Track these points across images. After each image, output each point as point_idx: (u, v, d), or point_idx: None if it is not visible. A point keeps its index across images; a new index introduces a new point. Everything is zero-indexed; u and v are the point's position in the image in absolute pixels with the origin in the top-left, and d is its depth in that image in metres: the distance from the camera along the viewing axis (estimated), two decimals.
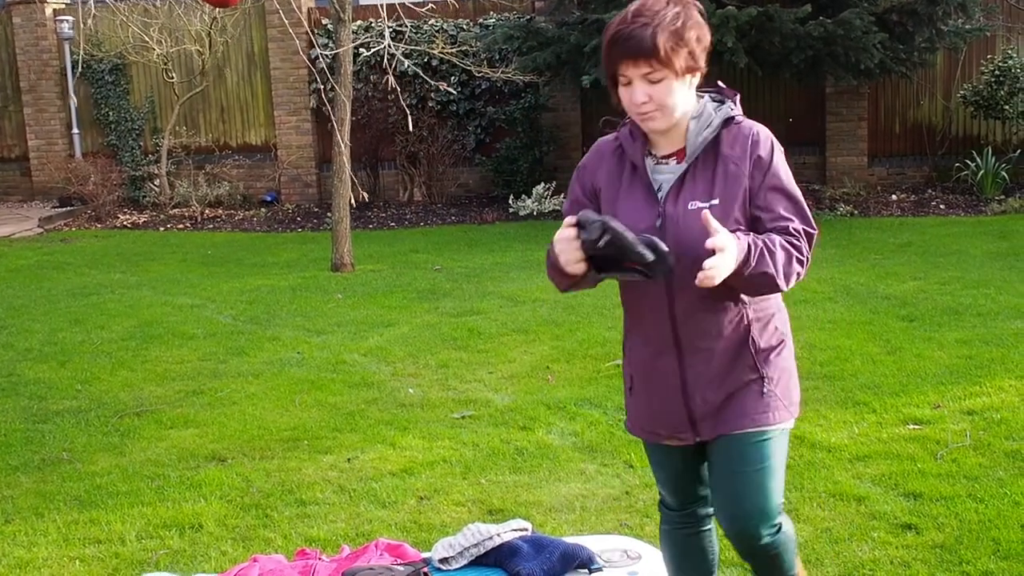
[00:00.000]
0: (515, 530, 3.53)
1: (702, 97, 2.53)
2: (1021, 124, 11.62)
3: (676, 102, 2.42)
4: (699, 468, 2.72)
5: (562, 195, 12.00)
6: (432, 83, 8.64)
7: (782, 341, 2.59)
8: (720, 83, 2.60)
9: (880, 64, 10.38)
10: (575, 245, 2.36)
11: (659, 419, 2.63)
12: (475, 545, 3.44)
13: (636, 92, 2.40)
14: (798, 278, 2.45)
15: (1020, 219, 10.19)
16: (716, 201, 2.43)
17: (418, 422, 5.13)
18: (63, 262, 10.12)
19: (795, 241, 2.43)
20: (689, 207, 2.43)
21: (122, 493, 4.37)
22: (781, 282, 2.39)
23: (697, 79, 2.49)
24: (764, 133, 2.52)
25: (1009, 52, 11.68)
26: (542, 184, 12.00)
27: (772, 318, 2.58)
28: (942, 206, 11.13)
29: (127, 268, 9.75)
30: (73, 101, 12.93)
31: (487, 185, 12.98)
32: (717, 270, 2.27)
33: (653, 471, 2.83)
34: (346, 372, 6.04)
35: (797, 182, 2.56)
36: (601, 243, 2.31)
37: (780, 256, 2.37)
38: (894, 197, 11.70)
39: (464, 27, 12.72)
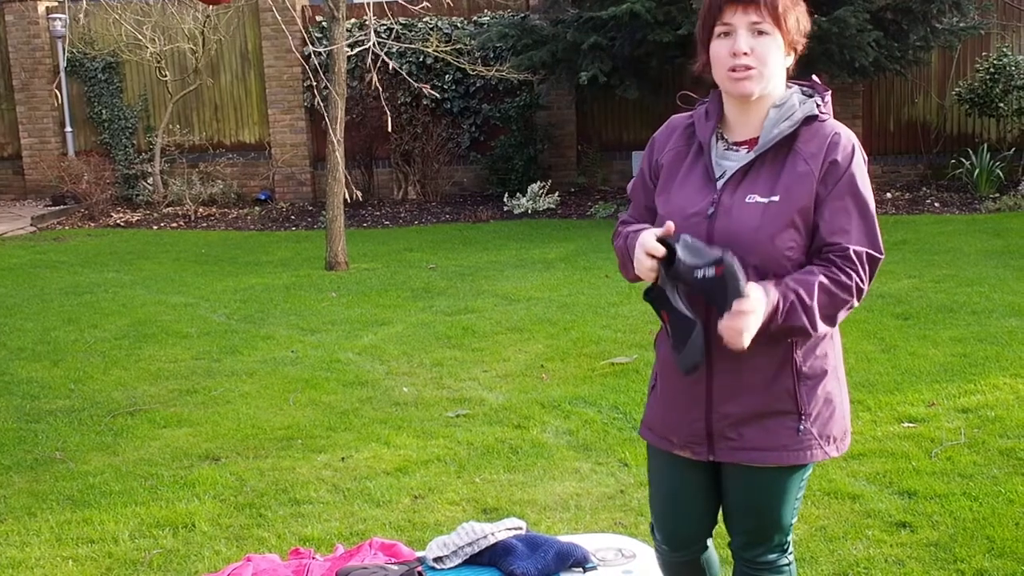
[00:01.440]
0: (509, 529, 3.52)
1: (791, 87, 2.35)
2: (1016, 122, 11.63)
3: (774, 68, 2.25)
4: (701, 494, 2.49)
5: (556, 193, 12.00)
6: (416, 84, 8.62)
7: (827, 370, 2.35)
8: (815, 77, 2.42)
9: (875, 62, 10.39)
10: (651, 264, 2.19)
11: (675, 425, 2.42)
12: (469, 544, 3.43)
13: (740, 40, 2.21)
14: (849, 310, 2.25)
15: (1015, 217, 10.21)
16: (777, 198, 2.23)
17: (412, 421, 5.12)
18: (56, 261, 10.10)
19: (846, 272, 2.21)
20: (747, 200, 2.24)
21: (115, 492, 4.35)
22: (820, 328, 2.21)
23: (792, 62, 2.33)
24: (847, 137, 2.28)
25: (1004, 50, 11.69)
26: (537, 183, 11.99)
27: (821, 342, 2.33)
28: (937, 204, 11.14)
29: (120, 267, 9.72)
30: (57, 98, 12.89)
31: (482, 183, 12.98)
32: (739, 334, 2.13)
33: (650, 487, 2.61)
34: (340, 371, 6.03)
35: None
36: (701, 275, 2.15)
37: (817, 303, 2.18)
38: (889, 195, 11.71)
39: (459, 25, 12.71)
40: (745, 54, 2.22)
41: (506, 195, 12.05)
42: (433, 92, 9.18)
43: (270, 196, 13.55)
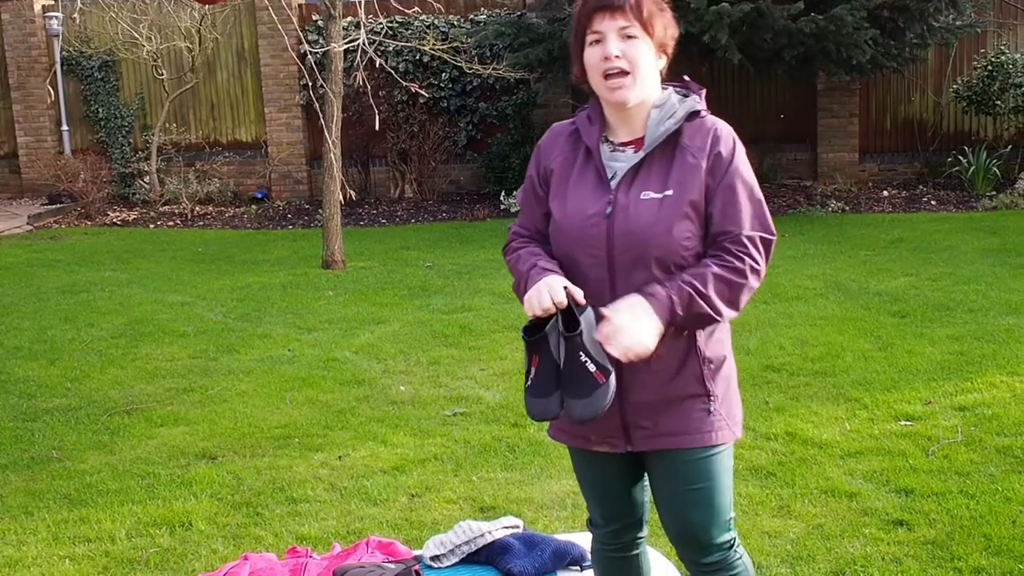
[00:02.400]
0: (506, 527, 3.52)
1: (666, 88, 2.44)
2: (1013, 120, 11.64)
3: (646, 70, 2.34)
4: (628, 483, 2.57)
5: None
6: (405, 84, 8.61)
7: (726, 355, 2.48)
8: (686, 78, 2.50)
9: (872, 60, 10.40)
10: (546, 309, 2.30)
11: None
12: (466, 543, 3.43)
13: (610, 44, 2.31)
14: (750, 295, 2.35)
15: (1011, 215, 10.21)
16: (671, 192, 2.33)
17: (409, 419, 5.12)
18: (52, 260, 10.08)
19: (739, 256, 2.32)
20: (642, 197, 2.33)
21: (112, 491, 4.34)
22: (725, 314, 2.31)
23: (664, 64, 2.41)
24: (727, 130, 2.40)
25: (1002, 48, 11.70)
26: None
27: (717, 328, 2.45)
28: (933, 202, 11.14)
29: (117, 265, 9.71)
30: (51, 95, 12.85)
31: (478, 182, 12.97)
32: (622, 336, 2.24)
33: (578, 482, 2.68)
34: (337, 369, 6.02)
35: (788, 178, 2.48)
36: (583, 361, 2.28)
37: (715, 290, 2.28)
38: (885, 193, 11.71)
39: (455, 23, 12.70)
40: (617, 57, 2.31)
41: (503, 193, 12.05)
42: (423, 92, 9.16)
43: (266, 194, 13.53)
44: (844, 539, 3.62)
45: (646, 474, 2.56)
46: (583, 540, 3.43)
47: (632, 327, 2.24)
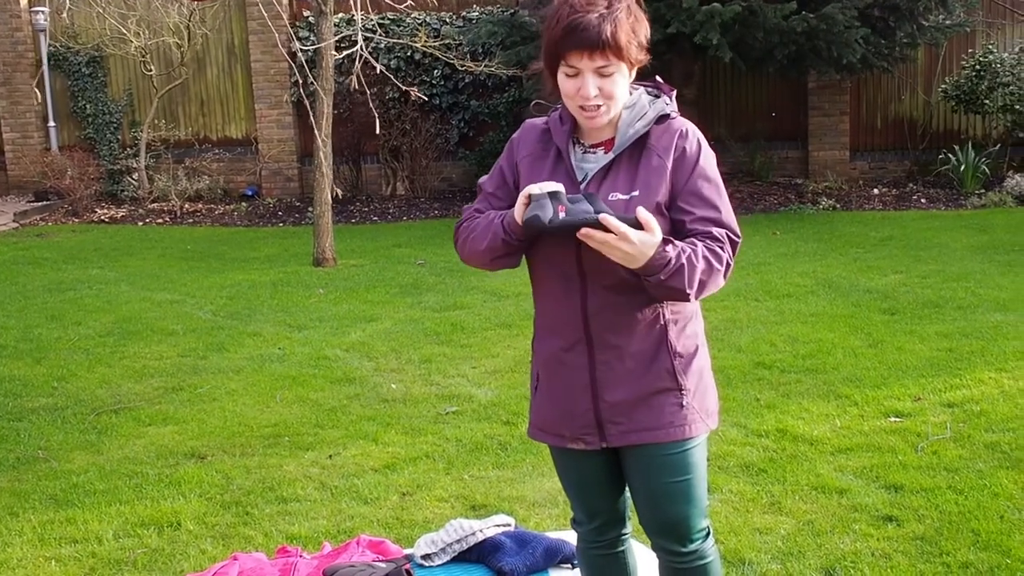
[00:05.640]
0: (498, 525, 3.51)
1: (637, 89, 2.44)
2: (1001, 118, 11.67)
3: (621, 95, 2.34)
4: (607, 479, 2.57)
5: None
6: (403, 87, 8.59)
7: (697, 347, 2.48)
8: (658, 78, 2.51)
9: (862, 59, 10.42)
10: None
11: (564, 419, 2.49)
12: (458, 541, 3.42)
13: (587, 86, 2.29)
14: (716, 288, 2.34)
15: (1000, 213, 10.24)
16: (637, 193, 2.33)
17: (400, 418, 5.10)
18: (39, 257, 10.03)
19: (718, 249, 2.32)
20: (610, 198, 2.33)
21: (99, 492, 4.32)
22: (692, 295, 2.29)
23: (636, 71, 2.40)
24: (693, 131, 2.41)
25: (990, 47, 11.73)
26: None
27: (690, 321, 2.47)
28: (923, 200, 11.17)
29: (105, 263, 9.66)
30: (38, 97, 12.79)
31: (470, 179, 12.95)
32: (624, 241, 2.18)
33: (560, 481, 2.69)
34: (328, 368, 6.00)
35: (779, 176, 2.49)
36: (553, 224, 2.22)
37: (700, 269, 2.27)
38: (876, 191, 11.74)
39: (447, 21, 12.68)
40: (595, 96, 2.30)
41: None
42: (421, 95, 9.14)
43: (257, 192, 13.49)
44: (834, 535, 3.62)
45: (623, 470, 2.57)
46: (574, 538, 3.43)
47: (631, 251, 2.20)
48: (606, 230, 2.19)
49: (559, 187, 2.28)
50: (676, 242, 2.28)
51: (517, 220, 2.32)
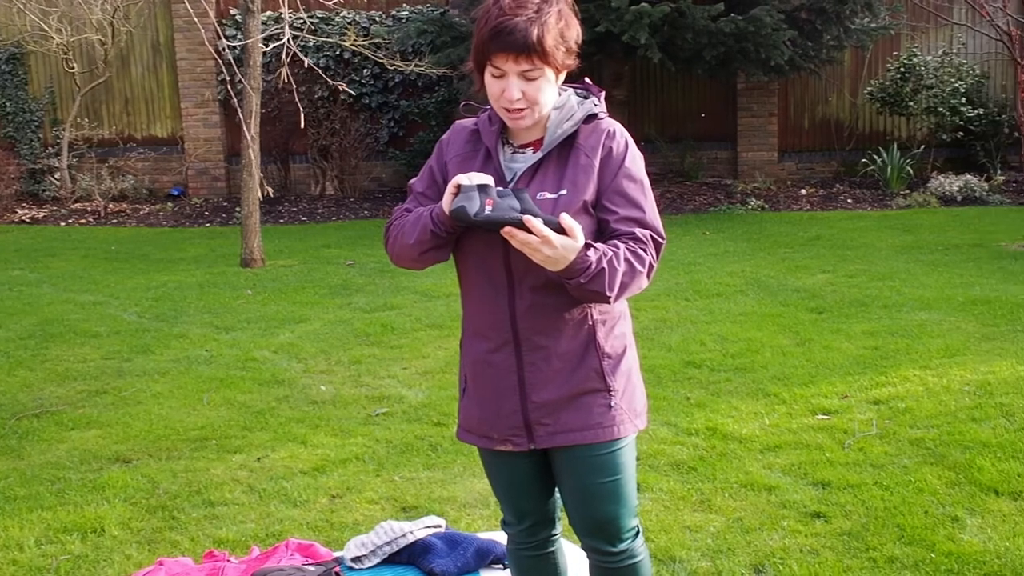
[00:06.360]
0: (429, 527, 3.49)
1: (566, 90, 2.45)
2: (925, 120, 11.96)
3: (547, 99, 2.35)
4: (536, 481, 2.57)
5: None
6: (332, 83, 8.52)
7: (626, 347, 2.49)
8: (587, 79, 2.52)
9: (790, 61, 10.58)
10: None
11: (492, 421, 2.47)
12: (388, 543, 3.40)
13: (511, 88, 2.29)
14: (638, 289, 2.34)
15: (924, 213, 10.48)
16: (564, 192, 2.34)
17: (330, 419, 5.04)
18: None
19: (641, 251, 2.32)
20: (538, 197, 2.34)
21: (20, 497, 4.20)
22: (612, 297, 2.28)
23: (564, 74, 2.40)
24: (621, 132, 2.42)
25: (914, 50, 12.00)
26: None
27: (618, 322, 2.47)
28: (849, 200, 11.39)
29: (26, 264, 9.41)
30: None
31: (400, 179, 12.88)
32: (546, 244, 2.17)
33: (489, 483, 2.69)
34: (256, 369, 5.91)
35: (709, 176, 2.50)
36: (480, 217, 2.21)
37: (621, 272, 2.26)
38: (803, 191, 11.93)
39: (376, 20, 12.60)
40: (519, 99, 2.31)
41: None
42: (349, 90, 9.05)
43: (183, 191, 13.26)
44: (763, 532, 3.66)
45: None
46: (505, 539, 3.42)
47: (552, 254, 2.19)
48: (529, 231, 2.19)
49: (489, 180, 2.27)
50: (598, 245, 2.27)
51: (445, 210, 2.30)
